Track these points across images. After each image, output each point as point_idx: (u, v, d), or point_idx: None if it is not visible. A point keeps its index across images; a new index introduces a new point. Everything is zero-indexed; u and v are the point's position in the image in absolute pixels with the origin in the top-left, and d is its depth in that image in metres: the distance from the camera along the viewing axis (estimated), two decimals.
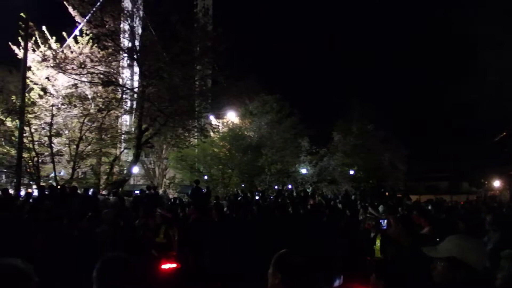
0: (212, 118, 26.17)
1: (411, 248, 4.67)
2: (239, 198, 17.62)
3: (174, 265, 7.20)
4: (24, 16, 15.45)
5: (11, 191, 14.80)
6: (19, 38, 16.90)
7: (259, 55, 47.22)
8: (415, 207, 12.74)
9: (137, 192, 18.16)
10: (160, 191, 23.39)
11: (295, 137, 29.09)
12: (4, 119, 17.85)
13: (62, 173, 19.88)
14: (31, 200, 12.57)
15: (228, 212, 10.72)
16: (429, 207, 13.99)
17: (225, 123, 28.69)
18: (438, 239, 5.83)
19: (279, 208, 12.66)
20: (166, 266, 7.10)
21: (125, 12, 18.55)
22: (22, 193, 15.65)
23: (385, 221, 5.95)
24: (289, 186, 27.92)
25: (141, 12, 18.94)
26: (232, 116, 28.91)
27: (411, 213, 8.67)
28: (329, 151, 29.98)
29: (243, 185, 26.46)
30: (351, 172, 30.32)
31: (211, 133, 25.35)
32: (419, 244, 4.86)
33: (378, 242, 5.53)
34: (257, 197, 18.86)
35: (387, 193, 29.36)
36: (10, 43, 17.58)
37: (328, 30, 62.26)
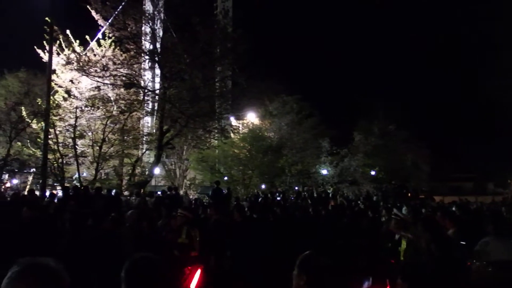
0: (232, 119, 26.22)
1: (434, 251, 4.58)
2: (259, 199, 17.60)
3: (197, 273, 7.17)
4: (49, 20, 15.76)
5: (36, 192, 15.14)
6: (44, 42, 17.28)
7: (279, 56, 47.19)
8: (439, 208, 12.52)
9: (159, 193, 18.34)
10: (181, 192, 23.56)
11: (315, 138, 28.90)
12: (30, 121, 18.27)
13: (85, 174, 20.22)
14: (55, 200, 12.84)
15: (249, 213, 10.71)
16: (453, 209, 13.70)
17: (245, 124, 28.70)
18: (463, 242, 5.70)
19: (300, 209, 12.63)
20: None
21: (147, 15, 18.78)
22: (47, 193, 15.97)
23: None
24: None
25: (162, 15, 19.14)
26: (252, 117, 28.91)
27: (435, 214, 8.51)
28: (350, 151, 29.67)
29: (263, 186, 26.42)
30: (373, 172, 29.96)
31: (232, 134, 25.42)
32: (444, 247, 4.77)
33: (403, 244, 5.42)
34: (278, 198, 18.82)
35: (409, 194, 28.94)
36: (35, 47, 18.01)
37: (349, 30, 61.78)
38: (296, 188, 27.33)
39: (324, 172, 28.90)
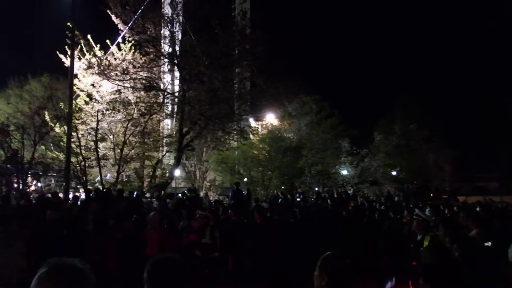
0: (251, 120, 26.25)
1: (455, 251, 4.50)
2: (279, 200, 17.58)
3: None
4: (70, 25, 16.04)
5: (60, 195, 15.40)
6: (66, 47, 17.62)
7: (298, 56, 47.03)
8: (463, 208, 12.29)
9: (179, 195, 18.48)
10: (201, 194, 23.68)
11: (335, 138, 28.70)
12: (53, 125, 18.61)
13: (107, 177, 20.48)
14: (79, 203, 13.05)
15: (269, 214, 10.71)
16: (477, 209, 13.44)
17: (264, 125, 28.71)
18: (488, 243, 5.58)
19: (320, 210, 12.57)
20: None
21: (166, 18, 18.92)
22: (70, 196, 16.23)
23: None
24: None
25: (181, 18, 19.26)
26: (271, 118, 28.89)
27: (458, 215, 8.36)
28: (371, 151, 29.34)
29: (283, 187, 26.36)
30: (394, 173, 29.60)
31: (251, 135, 25.44)
32: (466, 248, 4.68)
33: (426, 245, 5.34)
34: (298, 199, 18.76)
35: (431, 194, 28.48)
36: (57, 52, 18.37)
37: (368, 29, 61.21)
38: (316, 188, 27.20)
39: (344, 172, 28.67)
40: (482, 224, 6.30)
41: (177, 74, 20.50)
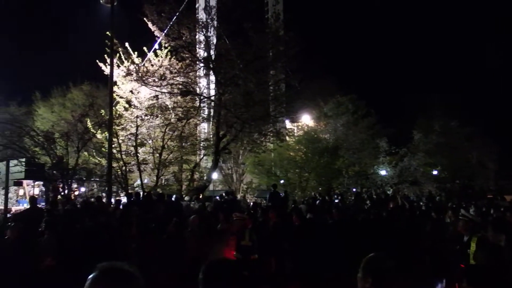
0: (287, 122, 26.19)
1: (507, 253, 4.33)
2: (317, 202, 17.46)
3: None
4: (109, 34, 16.49)
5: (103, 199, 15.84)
6: (105, 55, 18.14)
7: (333, 56, 46.53)
8: (509, 208, 11.82)
9: (217, 197, 18.66)
10: (239, 196, 23.80)
11: (372, 138, 28.21)
12: (95, 132, 19.19)
13: (146, 181, 20.90)
14: (121, 206, 13.40)
15: (308, 215, 10.64)
16: None
17: (300, 127, 28.59)
18: None
19: (358, 211, 12.40)
20: None
21: (200, 23, 19.19)
22: (112, 200, 16.66)
23: None
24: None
25: (215, 22, 19.48)
26: (307, 119, 28.74)
27: (505, 215, 8.04)
28: (410, 151, 28.65)
29: (320, 189, 26.15)
30: (435, 172, 28.76)
31: (287, 137, 25.37)
32: None
33: (473, 247, 5.15)
34: (336, 200, 18.57)
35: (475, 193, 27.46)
36: (97, 61, 18.96)
37: (405, 27, 59.81)
38: (354, 189, 26.82)
39: (383, 172, 28.11)
40: None
41: (212, 78, 20.73)
